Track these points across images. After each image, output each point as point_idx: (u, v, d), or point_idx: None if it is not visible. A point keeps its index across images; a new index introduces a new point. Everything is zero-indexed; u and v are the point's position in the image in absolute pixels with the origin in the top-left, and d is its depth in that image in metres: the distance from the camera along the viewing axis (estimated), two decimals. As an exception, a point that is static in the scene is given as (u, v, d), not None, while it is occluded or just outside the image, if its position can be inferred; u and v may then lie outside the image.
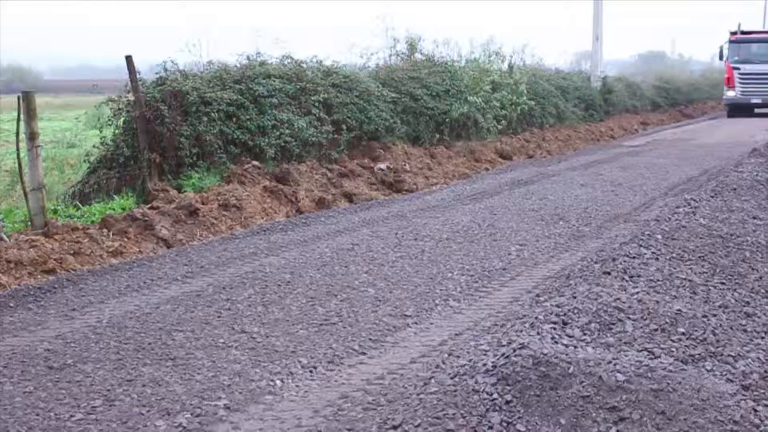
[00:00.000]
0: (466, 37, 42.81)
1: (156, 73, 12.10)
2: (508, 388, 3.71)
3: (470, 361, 4.05)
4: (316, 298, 6.75)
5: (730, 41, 32.15)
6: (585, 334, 4.46)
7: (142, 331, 5.93)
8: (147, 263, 8.20)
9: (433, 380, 4.00)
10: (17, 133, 9.13)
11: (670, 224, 7.20)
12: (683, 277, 5.70)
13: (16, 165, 9.36)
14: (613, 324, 4.61)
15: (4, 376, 5.09)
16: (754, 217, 7.90)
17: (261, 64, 13.41)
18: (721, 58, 32.79)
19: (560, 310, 4.81)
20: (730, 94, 32.08)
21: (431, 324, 6.05)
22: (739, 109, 32.13)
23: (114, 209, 9.84)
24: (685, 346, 4.39)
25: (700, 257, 6.28)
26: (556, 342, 4.20)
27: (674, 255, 6.27)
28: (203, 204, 10.13)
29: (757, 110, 32.00)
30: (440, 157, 15.85)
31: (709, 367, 4.14)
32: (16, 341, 5.83)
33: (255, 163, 11.74)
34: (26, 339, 5.87)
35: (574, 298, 5.06)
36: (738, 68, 31.63)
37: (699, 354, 4.32)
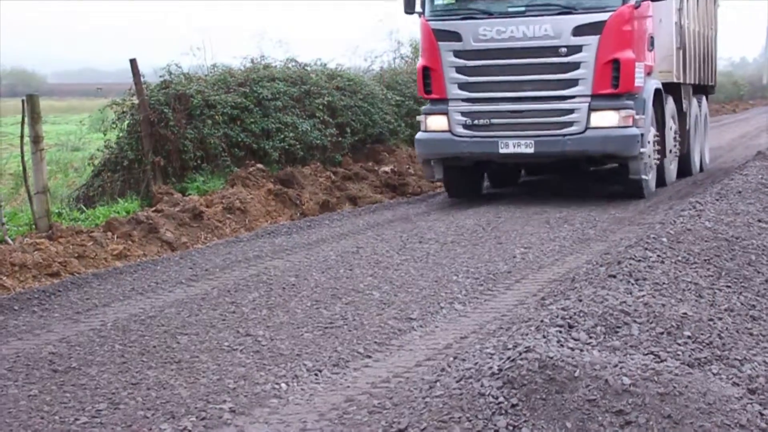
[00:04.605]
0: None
1: (160, 77, 12.14)
2: (514, 391, 3.70)
3: (476, 364, 4.04)
4: (321, 301, 6.74)
5: None
6: (591, 338, 4.44)
7: (147, 335, 5.93)
8: (151, 266, 8.20)
9: (438, 383, 3.99)
10: (21, 137, 9.15)
11: (676, 227, 7.17)
12: (689, 280, 5.68)
13: (21, 168, 9.38)
14: (619, 327, 4.60)
15: (9, 380, 5.09)
16: (759, 220, 7.88)
17: (265, 67, 13.44)
18: (410, 9, 11.59)
19: (566, 313, 4.80)
20: (434, 123, 11.59)
21: (436, 327, 6.03)
22: (464, 177, 12.39)
23: (118, 212, 9.86)
24: (692, 349, 4.38)
25: (705, 260, 6.26)
26: (562, 345, 4.18)
27: (680, 258, 6.25)
28: (207, 207, 10.14)
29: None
30: (444, 160, 15.84)
31: (715, 371, 4.13)
32: (21, 344, 5.83)
33: (259, 166, 11.75)
34: (31, 342, 5.88)
35: (580, 301, 5.04)
36: (455, 36, 11.30)
37: (705, 357, 4.30)
